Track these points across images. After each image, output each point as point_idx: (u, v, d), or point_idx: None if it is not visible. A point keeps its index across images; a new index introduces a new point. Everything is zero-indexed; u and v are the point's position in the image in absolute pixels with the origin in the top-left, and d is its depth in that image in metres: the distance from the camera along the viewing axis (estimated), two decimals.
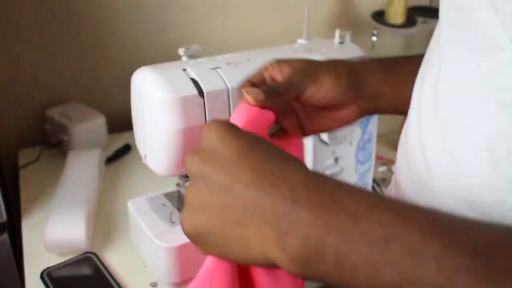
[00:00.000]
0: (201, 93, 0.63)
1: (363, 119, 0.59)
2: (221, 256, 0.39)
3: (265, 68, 0.52)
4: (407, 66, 0.53)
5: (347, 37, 0.79)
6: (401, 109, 0.53)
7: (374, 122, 0.82)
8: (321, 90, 0.50)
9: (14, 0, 1.02)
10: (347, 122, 0.55)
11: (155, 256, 0.69)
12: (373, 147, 0.83)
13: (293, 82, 0.49)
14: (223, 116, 0.65)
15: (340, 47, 0.78)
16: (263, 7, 1.28)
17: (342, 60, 0.55)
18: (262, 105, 0.46)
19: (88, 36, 1.12)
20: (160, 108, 0.62)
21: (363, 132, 0.80)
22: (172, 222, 0.71)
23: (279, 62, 0.52)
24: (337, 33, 0.78)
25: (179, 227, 0.69)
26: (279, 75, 0.51)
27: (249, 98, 0.45)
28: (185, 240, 0.66)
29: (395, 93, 0.55)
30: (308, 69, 0.51)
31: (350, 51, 0.77)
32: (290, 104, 0.53)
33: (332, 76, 0.51)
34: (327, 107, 0.53)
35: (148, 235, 0.69)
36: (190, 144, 0.64)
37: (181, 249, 0.67)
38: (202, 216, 0.38)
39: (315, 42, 0.80)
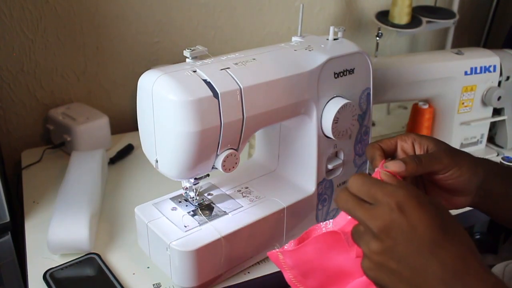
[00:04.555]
0: (215, 94, 0.62)
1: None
2: None
3: (403, 140, 0.56)
4: None
5: (340, 34, 0.80)
6: (490, 214, 0.59)
7: (370, 115, 0.83)
8: (460, 177, 0.55)
9: (17, 0, 1.02)
10: (455, 207, 0.59)
11: (172, 262, 0.68)
12: (369, 139, 0.84)
13: (438, 157, 0.53)
14: (236, 115, 0.65)
15: (334, 43, 0.78)
16: (265, 7, 1.28)
17: (477, 157, 0.58)
18: (402, 175, 0.51)
19: (91, 37, 1.12)
20: (175, 111, 0.61)
21: (361, 125, 0.81)
22: (185, 227, 0.70)
23: (420, 137, 0.56)
24: (332, 30, 0.79)
25: (193, 230, 0.69)
26: (418, 148, 0.56)
27: (392, 168, 0.51)
28: (202, 243, 0.66)
29: (499, 201, 0.58)
30: (452, 151, 0.56)
31: (345, 47, 0.78)
32: None
33: (472, 168, 0.55)
34: (449, 190, 0.57)
35: (164, 241, 0.68)
36: (205, 146, 0.64)
37: (199, 252, 0.66)
38: (385, 276, 0.44)
39: (310, 39, 0.80)
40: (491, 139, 1.16)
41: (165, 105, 0.62)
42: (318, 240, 0.54)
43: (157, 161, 0.68)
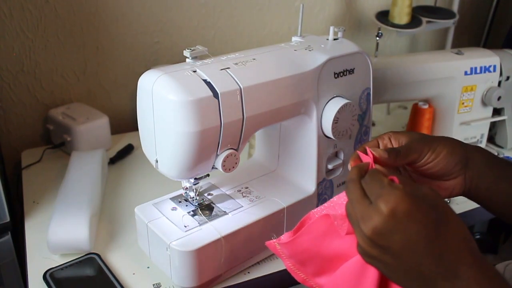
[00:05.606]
0: (215, 94, 0.62)
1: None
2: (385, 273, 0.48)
3: (381, 138, 0.58)
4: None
5: (340, 34, 0.80)
6: (490, 204, 0.59)
7: (370, 115, 0.83)
8: (437, 159, 0.56)
9: (17, 0, 1.02)
10: (451, 193, 0.60)
11: (172, 262, 0.68)
12: (369, 139, 0.85)
13: (413, 147, 0.56)
14: (236, 115, 0.64)
15: (334, 43, 0.79)
16: (265, 7, 1.27)
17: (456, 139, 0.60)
18: (384, 162, 0.53)
19: (91, 37, 1.12)
20: (175, 111, 0.61)
21: (360, 125, 0.81)
22: (185, 227, 0.70)
23: (395, 133, 0.58)
24: (332, 29, 0.80)
25: (193, 230, 0.69)
26: (395, 144, 0.58)
27: (376, 153, 0.53)
28: (202, 243, 0.66)
29: (492, 185, 0.58)
30: (426, 139, 0.57)
31: (345, 47, 0.78)
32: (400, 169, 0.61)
33: (448, 148, 0.56)
34: (437, 176, 0.58)
35: (164, 241, 0.68)
36: (205, 146, 0.64)
37: (199, 252, 0.66)
38: (380, 265, 0.47)
39: (310, 39, 0.80)
40: (491, 139, 1.16)
41: (165, 105, 0.62)
42: (311, 230, 0.55)
43: (157, 161, 0.68)
